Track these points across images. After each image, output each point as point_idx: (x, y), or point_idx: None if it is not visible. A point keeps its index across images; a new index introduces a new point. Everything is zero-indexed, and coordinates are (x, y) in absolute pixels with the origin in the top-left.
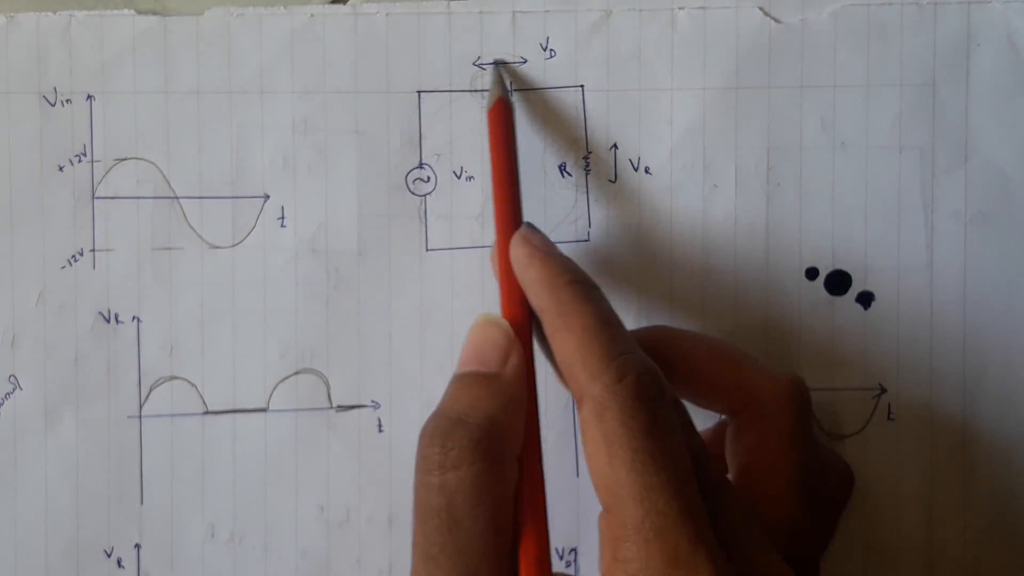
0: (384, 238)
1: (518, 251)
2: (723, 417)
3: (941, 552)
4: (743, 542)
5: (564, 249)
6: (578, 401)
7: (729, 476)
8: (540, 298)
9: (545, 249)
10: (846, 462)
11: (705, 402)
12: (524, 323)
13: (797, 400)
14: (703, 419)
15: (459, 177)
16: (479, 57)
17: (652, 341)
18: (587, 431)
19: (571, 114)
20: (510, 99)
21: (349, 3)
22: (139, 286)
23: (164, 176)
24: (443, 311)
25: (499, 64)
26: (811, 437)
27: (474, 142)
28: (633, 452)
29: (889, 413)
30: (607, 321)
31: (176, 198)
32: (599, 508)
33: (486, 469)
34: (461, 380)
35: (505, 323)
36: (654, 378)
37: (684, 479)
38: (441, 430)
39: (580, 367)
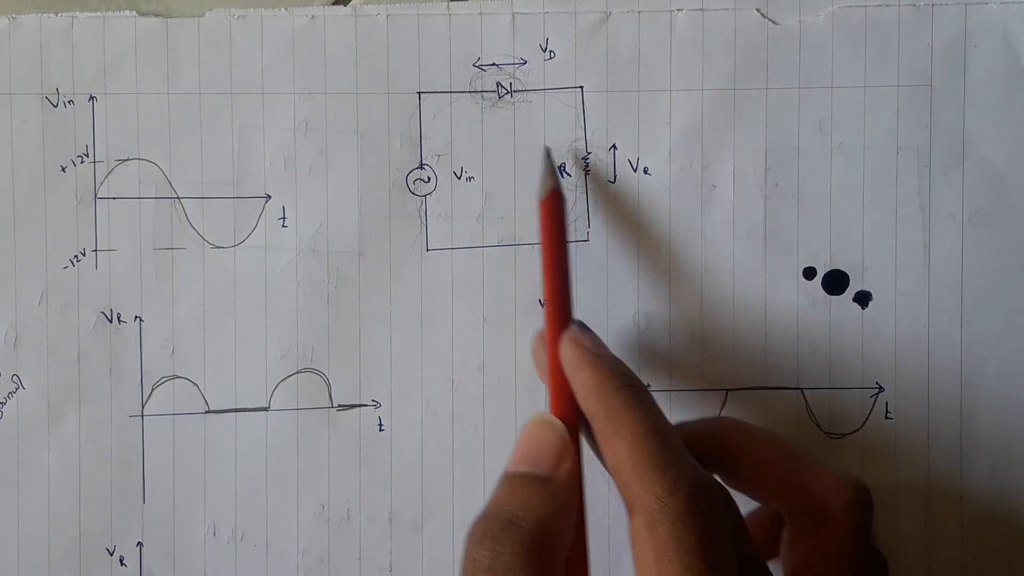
0: (384, 238)
1: (568, 352)
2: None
3: (938, 549)
4: None
5: None
6: (629, 509)
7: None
8: (590, 403)
9: (595, 351)
10: (883, 556)
11: (763, 500)
12: (574, 424)
13: (859, 509)
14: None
15: (459, 177)
16: (479, 58)
17: (714, 434)
18: (638, 541)
19: (570, 115)
20: (563, 190)
21: (350, 5)
22: (141, 286)
23: (166, 176)
24: (443, 311)
25: (549, 150)
26: (870, 545)
27: (474, 143)
28: (684, 568)
29: (887, 412)
30: (659, 429)
31: (178, 198)
32: None
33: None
34: (513, 480)
35: (560, 425)
36: (708, 491)
37: None
38: (491, 532)
39: (632, 476)
